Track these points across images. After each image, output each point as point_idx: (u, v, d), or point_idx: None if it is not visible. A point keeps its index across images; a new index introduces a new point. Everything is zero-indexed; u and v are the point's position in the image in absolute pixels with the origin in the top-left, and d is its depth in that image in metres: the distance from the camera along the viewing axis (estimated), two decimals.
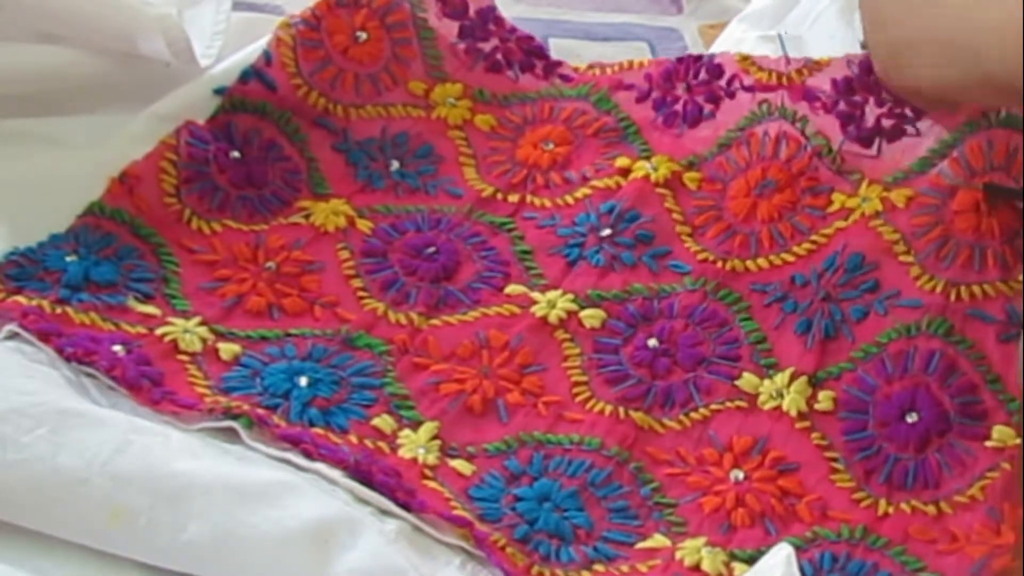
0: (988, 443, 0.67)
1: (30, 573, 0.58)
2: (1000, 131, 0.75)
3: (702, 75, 0.83)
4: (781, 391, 0.71)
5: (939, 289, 0.71)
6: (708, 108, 0.82)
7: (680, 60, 0.84)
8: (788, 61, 0.81)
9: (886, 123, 0.78)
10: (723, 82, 0.82)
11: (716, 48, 0.92)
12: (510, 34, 0.86)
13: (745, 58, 0.82)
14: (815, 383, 0.71)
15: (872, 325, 0.72)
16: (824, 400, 0.70)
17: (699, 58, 0.83)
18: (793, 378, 0.71)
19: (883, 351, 0.71)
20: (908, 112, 0.78)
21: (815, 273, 0.74)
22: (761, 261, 0.76)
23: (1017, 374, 0.68)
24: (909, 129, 0.78)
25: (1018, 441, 0.67)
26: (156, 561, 0.59)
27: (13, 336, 0.66)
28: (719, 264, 0.76)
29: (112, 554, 0.59)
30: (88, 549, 0.59)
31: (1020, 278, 0.71)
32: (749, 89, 0.81)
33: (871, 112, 0.79)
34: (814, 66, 0.80)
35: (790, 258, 0.75)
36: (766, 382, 0.71)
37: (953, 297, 0.71)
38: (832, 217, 0.76)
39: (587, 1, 0.99)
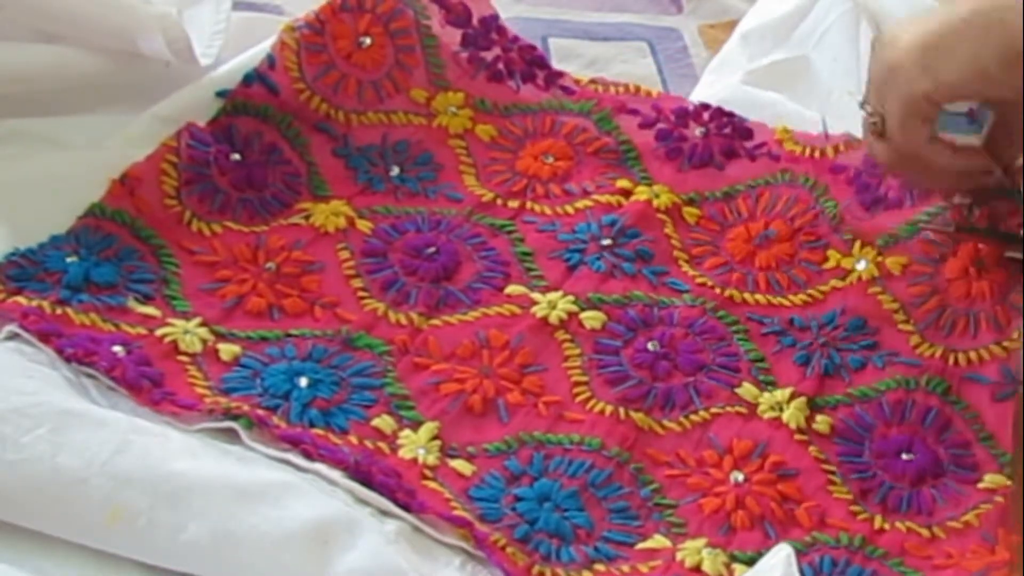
0: (980, 485, 0.68)
1: (30, 573, 0.58)
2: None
3: (726, 129, 0.84)
4: (781, 404, 0.71)
5: (938, 354, 0.73)
6: (719, 159, 0.83)
7: (704, 106, 0.85)
8: (827, 136, 0.83)
9: (892, 195, 0.80)
10: (750, 144, 0.83)
11: (713, 72, 0.92)
12: (512, 43, 0.87)
13: (786, 131, 0.84)
14: (813, 407, 0.71)
15: (870, 374, 0.73)
16: (821, 423, 0.71)
17: (729, 115, 0.84)
18: (793, 396, 0.71)
19: (882, 396, 0.72)
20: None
21: (815, 323, 0.75)
22: (759, 297, 0.77)
23: (1016, 426, 0.69)
24: (907, 201, 0.80)
25: (1009, 483, 0.68)
26: (156, 561, 0.59)
27: (13, 336, 0.66)
28: (717, 290, 0.77)
29: (112, 554, 0.59)
30: (88, 549, 0.59)
31: (1014, 336, 0.72)
32: (776, 158, 0.82)
33: (885, 185, 0.80)
34: (854, 142, 0.82)
35: (786, 303, 0.76)
36: (766, 394, 0.72)
37: (951, 361, 0.73)
38: (828, 274, 0.78)
39: (587, 1, 0.99)
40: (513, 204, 0.80)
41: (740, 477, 0.68)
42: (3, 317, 0.67)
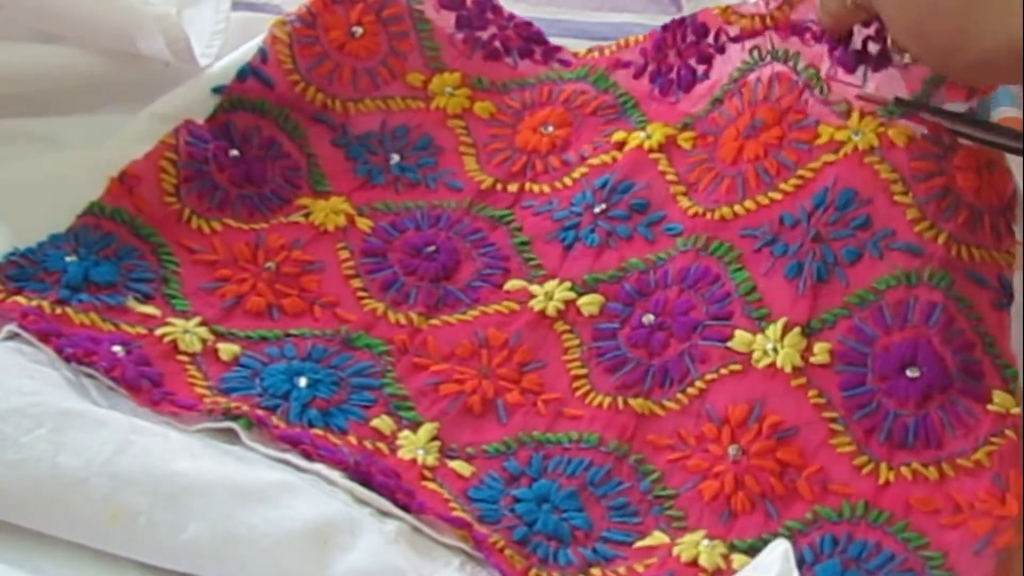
0: (990, 407, 0.66)
1: (29, 573, 0.58)
2: None
3: (689, 37, 0.81)
4: (775, 346, 0.69)
5: (941, 241, 0.69)
6: (701, 69, 0.81)
7: (666, 27, 0.82)
8: (768, 2, 0.79)
9: (872, 48, 0.76)
10: (710, 39, 0.81)
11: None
12: (508, 22, 0.86)
13: (725, 9, 0.81)
14: (809, 333, 0.70)
15: (866, 269, 0.70)
16: (820, 353, 0.69)
17: (683, 21, 0.82)
18: (786, 330, 0.70)
19: (881, 299, 0.69)
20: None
21: (804, 212, 0.72)
22: (748, 203, 0.74)
23: (1015, 343, 0.68)
24: (896, 59, 0.75)
25: (1019, 410, 0.66)
26: (156, 561, 0.59)
27: (13, 336, 0.66)
28: (708, 216, 0.75)
29: (111, 554, 0.59)
30: (87, 549, 0.59)
31: (1012, 250, 0.70)
32: (736, 39, 0.80)
33: (859, 35, 0.76)
34: (795, 1, 0.78)
35: (777, 196, 0.74)
36: (759, 337, 0.70)
37: (954, 252, 0.69)
38: (819, 150, 0.74)
39: (587, 1, 0.99)
40: (512, 188, 0.80)
41: (738, 452, 0.67)
42: (3, 317, 0.67)
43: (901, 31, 0.66)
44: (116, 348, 0.67)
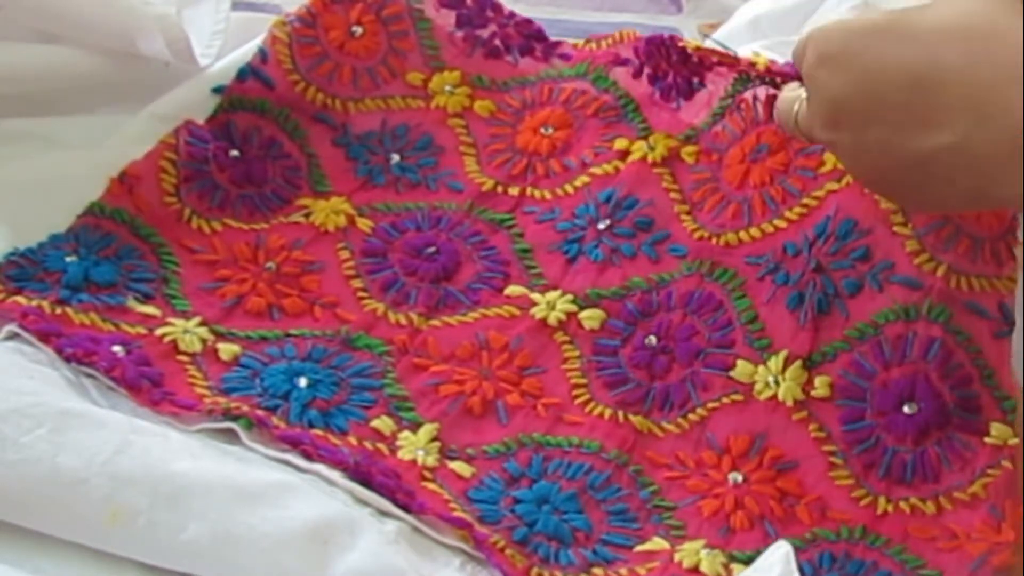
0: (987, 440, 0.66)
1: (30, 573, 0.58)
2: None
3: (675, 56, 0.81)
4: (776, 378, 0.70)
5: (940, 273, 0.69)
6: (696, 80, 0.80)
7: (650, 41, 0.81)
8: (735, 55, 0.79)
9: None
10: (695, 59, 0.80)
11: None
12: (508, 19, 0.86)
13: (698, 48, 0.81)
14: (810, 366, 0.70)
15: (866, 301, 0.70)
16: (821, 386, 0.69)
17: (663, 42, 0.81)
18: (787, 363, 0.70)
19: (880, 333, 0.69)
20: None
21: (807, 241, 0.72)
22: (754, 231, 0.74)
23: (1015, 373, 0.68)
24: None
25: (1017, 440, 0.66)
26: (156, 561, 0.59)
27: (13, 336, 0.66)
28: (714, 240, 0.75)
29: (112, 554, 0.59)
30: (88, 549, 0.59)
31: (1013, 276, 0.69)
32: (720, 64, 0.79)
33: None
34: (759, 59, 0.78)
35: (782, 224, 0.74)
36: (760, 368, 0.70)
37: (954, 284, 0.69)
38: (823, 178, 0.74)
39: (587, 1, 0.99)
40: (513, 191, 0.80)
41: (739, 478, 0.67)
42: (3, 317, 0.67)
43: (857, 179, 0.67)
44: (116, 348, 0.67)
